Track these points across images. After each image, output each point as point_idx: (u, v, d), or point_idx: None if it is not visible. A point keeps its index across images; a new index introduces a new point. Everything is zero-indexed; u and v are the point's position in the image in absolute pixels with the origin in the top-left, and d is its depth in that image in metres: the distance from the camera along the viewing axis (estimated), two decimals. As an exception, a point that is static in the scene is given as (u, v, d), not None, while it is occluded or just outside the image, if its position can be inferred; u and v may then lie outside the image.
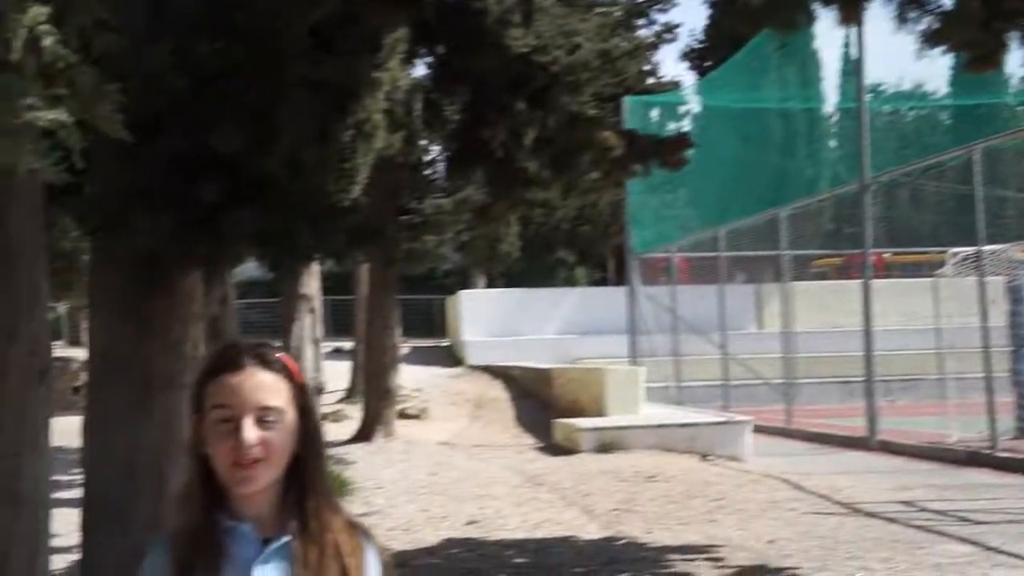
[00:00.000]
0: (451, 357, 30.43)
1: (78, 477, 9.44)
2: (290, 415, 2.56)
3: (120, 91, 2.90)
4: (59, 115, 2.67)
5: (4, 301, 6.14)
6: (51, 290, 6.80)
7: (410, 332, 27.15)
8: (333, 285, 26.49)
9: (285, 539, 2.56)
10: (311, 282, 13.52)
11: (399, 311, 20.46)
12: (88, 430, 7.57)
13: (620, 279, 34.65)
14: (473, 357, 28.78)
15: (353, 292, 25.52)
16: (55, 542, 6.79)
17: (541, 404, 22.94)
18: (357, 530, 2.64)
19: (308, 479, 2.60)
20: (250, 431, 2.50)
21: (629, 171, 8.13)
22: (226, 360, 2.55)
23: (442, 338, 34.22)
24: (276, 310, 29.22)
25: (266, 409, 2.52)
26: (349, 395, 23.64)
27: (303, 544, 2.56)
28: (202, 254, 6.54)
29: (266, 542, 2.56)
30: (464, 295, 32.94)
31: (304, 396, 2.61)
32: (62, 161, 2.96)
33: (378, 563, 2.64)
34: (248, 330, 21.41)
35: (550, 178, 7.96)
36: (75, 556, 8.78)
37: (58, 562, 7.72)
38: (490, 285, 37.78)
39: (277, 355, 2.60)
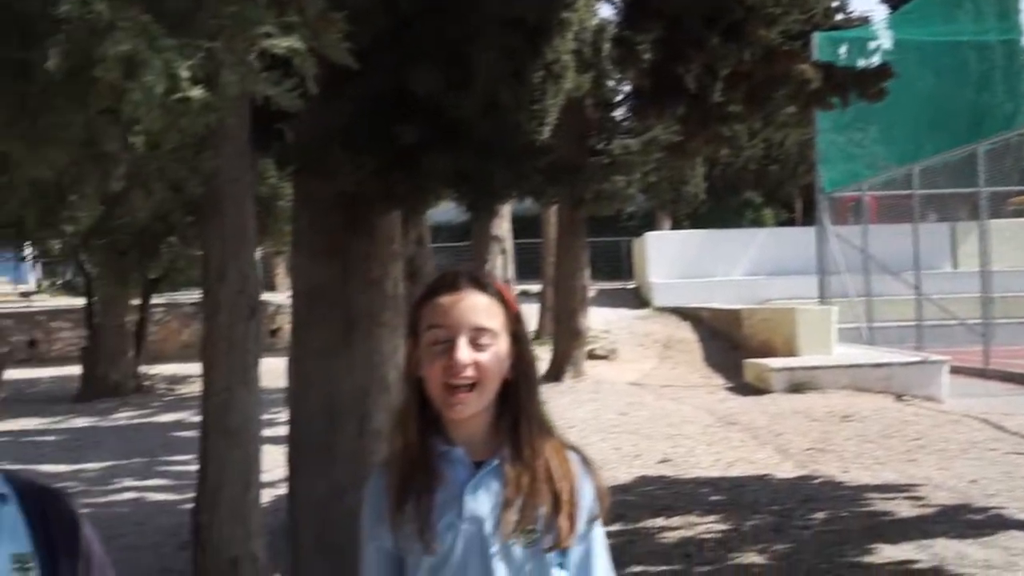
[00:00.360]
0: (637, 299, 30.37)
1: (279, 416, 9.76)
2: (503, 340, 2.59)
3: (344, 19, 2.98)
4: (292, 42, 2.75)
5: (214, 241, 6.36)
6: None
7: (596, 274, 27.14)
8: (520, 229, 26.68)
9: (496, 462, 2.61)
10: (502, 224, 13.62)
11: (586, 253, 20.49)
12: (293, 369, 7.80)
13: (807, 219, 34.00)
14: (660, 299, 28.68)
15: (541, 235, 25.64)
16: (263, 478, 7.02)
17: (730, 345, 22.78)
18: (571, 455, 2.67)
19: (521, 405, 2.63)
20: (464, 351, 2.54)
21: (826, 104, 7.96)
22: (443, 283, 2.60)
23: (628, 280, 34.16)
24: (466, 253, 29.57)
25: (480, 330, 2.56)
26: (537, 337, 23.81)
27: (514, 468, 2.59)
28: (401, 194, 6.64)
29: (478, 465, 2.61)
30: (650, 237, 32.77)
31: (517, 323, 2.64)
32: (296, 88, 3.05)
33: (592, 488, 2.66)
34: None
35: (745, 113, 7.86)
36: (281, 491, 9.10)
37: (265, 496, 7.99)
38: (675, 227, 37.51)
39: (492, 281, 2.65)
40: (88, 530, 2.52)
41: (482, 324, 2.56)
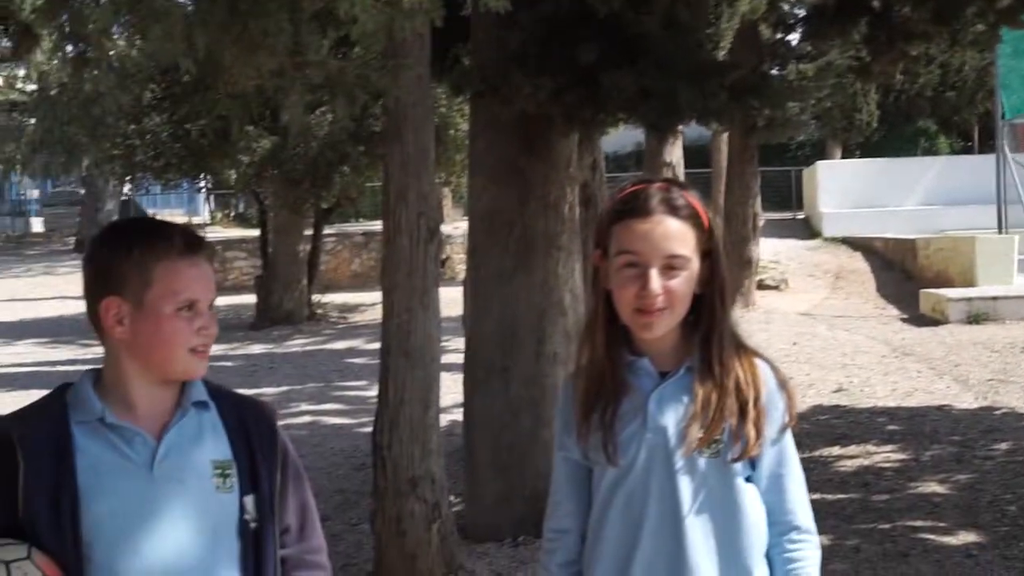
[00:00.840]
0: (807, 229, 29.83)
1: (449, 343, 9.85)
2: (695, 262, 2.55)
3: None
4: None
5: (395, 163, 6.41)
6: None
7: (764, 205, 26.68)
8: (689, 158, 26.34)
9: (682, 372, 2.57)
10: (674, 151, 13.47)
11: (757, 182, 20.16)
12: (470, 291, 7.86)
13: (984, 147, 32.86)
14: (830, 229, 28.10)
15: (710, 165, 25.32)
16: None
17: (904, 275, 22.25)
18: (760, 364, 2.62)
19: (713, 319, 2.59)
20: (656, 281, 2.50)
21: (1018, 23, 7.64)
22: (635, 205, 2.55)
23: (797, 211, 33.57)
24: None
25: (673, 258, 2.52)
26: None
27: (703, 381, 2.56)
28: (581, 115, 6.59)
29: (663, 375, 2.58)
30: (821, 166, 32.07)
31: (711, 239, 2.59)
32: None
33: (783, 398, 2.61)
34: (606, 202, 21.45)
35: (931, 32, 7.59)
36: (452, 416, 9.20)
37: (440, 419, 8.08)
38: (845, 156, 36.66)
39: (686, 199, 2.58)
40: (284, 438, 2.58)
41: (675, 252, 2.52)
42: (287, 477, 2.54)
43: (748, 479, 2.58)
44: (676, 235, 2.52)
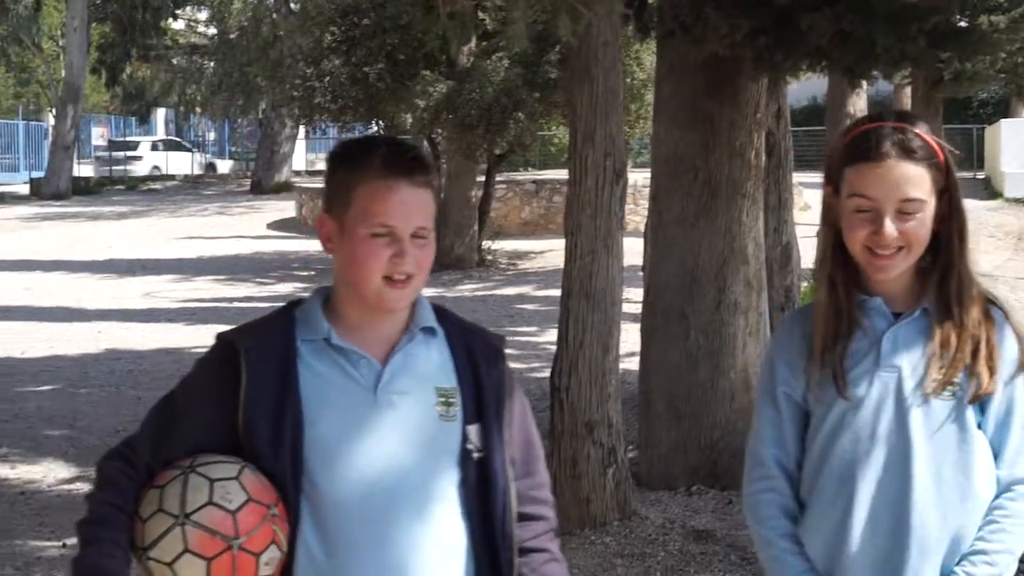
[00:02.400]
0: (987, 189, 28.95)
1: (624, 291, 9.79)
2: (931, 202, 2.46)
3: None
4: None
5: (583, 104, 6.36)
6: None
7: (945, 162, 25.82)
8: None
9: (918, 313, 2.50)
10: (858, 102, 13.17)
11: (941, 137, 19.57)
12: (651, 236, 7.79)
13: None
14: (1012, 189, 27.20)
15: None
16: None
17: (1095, 238, 21.47)
18: (991, 306, 2.53)
19: (951, 259, 2.51)
20: (890, 227, 2.43)
21: None
22: (866, 148, 2.46)
23: (978, 170, 32.59)
24: (813, 137, 28.83)
25: (908, 202, 2.44)
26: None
27: (941, 322, 2.48)
28: (773, 58, 6.45)
29: (896, 316, 2.51)
30: (1004, 124, 31.02)
31: (948, 177, 2.49)
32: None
33: (1014, 340, 2.52)
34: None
35: None
36: (627, 365, 9.15)
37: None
38: (1031, 115, 35.38)
39: (921, 138, 2.48)
40: (509, 368, 2.51)
41: (910, 196, 2.43)
42: (512, 410, 2.46)
43: (979, 425, 2.50)
44: (911, 179, 2.43)
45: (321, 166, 45.55)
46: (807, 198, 20.67)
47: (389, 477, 2.34)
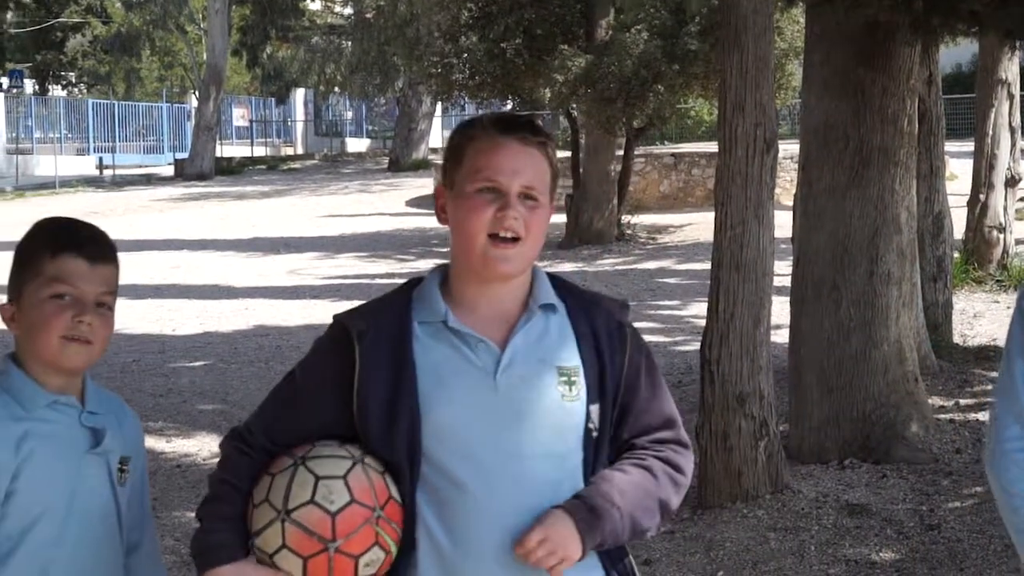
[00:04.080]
0: None
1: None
2: None
3: None
4: None
5: (733, 73, 6.28)
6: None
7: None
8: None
9: None
10: (1011, 67, 12.78)
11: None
12: (801, 207, 7.67)
13: None
14: None
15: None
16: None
17: None
18: None
19: None
20: None
21: None
22: None
23: None
24: (961, 104, 28.02)
25: None
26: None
27: None
28: (928, 24, 6.29)
29: None
30: None
31: None
32: None
33: None
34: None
35: None
36: (776, 338, 9.04)
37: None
38: None
39: None
40: (637, 347, 2.43)
41: None
42: (637, 382, 2.40)
43: None
44: None
45: (457, 143, 45.78)
46: (953, 168, 20.19)
47: (512, 463, 2.28)
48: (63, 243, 2.46)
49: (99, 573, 2.49)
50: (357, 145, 47.42)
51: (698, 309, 9.79)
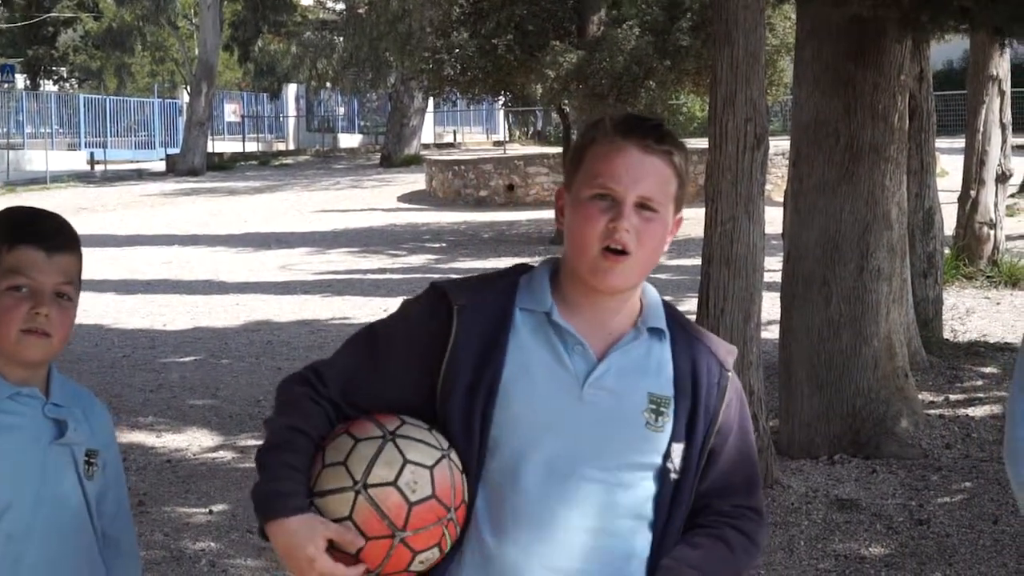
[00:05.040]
0: None
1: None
2: None
3: None
4: None
5: (724, 68, 6.28)
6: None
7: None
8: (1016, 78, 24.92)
9: None
10: (1002, 63, 12.80)
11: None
12: (792, 202, 7.68)
13: None
14: None
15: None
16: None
17: None
18: None
19: None
20: None
21: None
22: None
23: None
24: (953, 101, 28.05)
25: None
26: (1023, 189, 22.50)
27: None
28: (918, 20, 6.30)
29: None
30: None
31: None
32: None
33: None
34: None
35: None
36: (766, 333, 9.05)
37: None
38: None
39: None
40: (736, 397, 2.31)
41: None
42: (728, 431, 2.28)
43: None
44: None
45: (449, 139, 45.86)
46: (944, 164, 20.21)
47: (577, 476, 2.19)
48: (20, 234, 2.43)
49: (71, 565, 2.47)
50: (349, 141, 47.38)
51: (689, 304, 9.79)
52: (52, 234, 2.47)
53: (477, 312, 2.23)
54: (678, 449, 2.23)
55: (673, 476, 2.23)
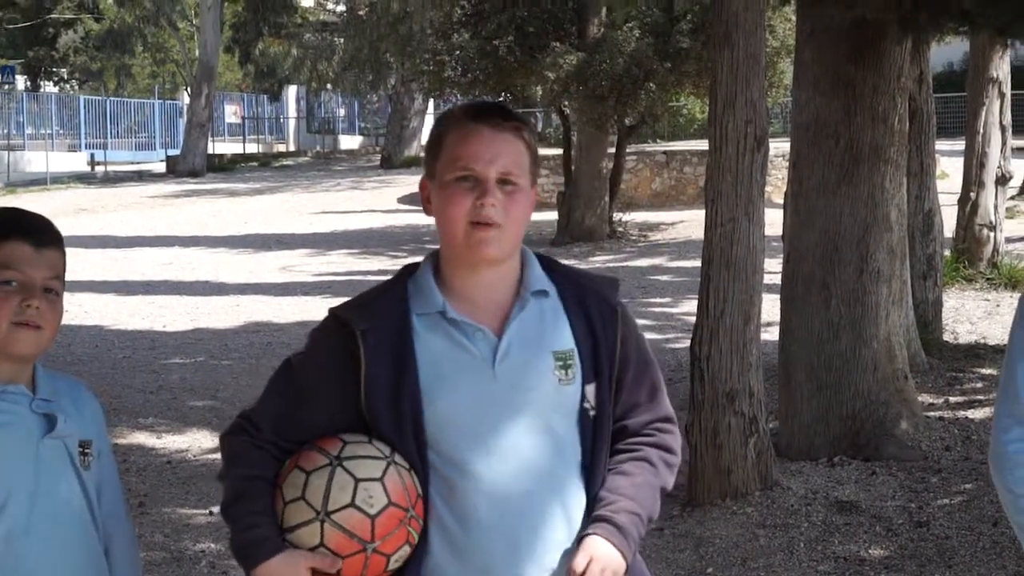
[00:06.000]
0: None
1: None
2: None
3: None
4: None
5: (724, 69, 6.28)
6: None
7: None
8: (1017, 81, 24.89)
9: None
10: (1002, 65, 12.81)
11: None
12: (791, 204, 7.69)
13: None
14: None
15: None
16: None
17: None
18: None
19: None
20: None
21: None
22: None
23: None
24: (953, 103, 28.04)
25: None
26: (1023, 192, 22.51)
27: None
28: (919, 19, 6.30)
29: None
30: None
31: None
32: None
33: None
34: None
35: None
36: (766, 335, 9.05)
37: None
38: None
39: None
40: (627, 324, 2.46)
41: None
42: (628, 358, 2.44)
43: None
44: None
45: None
46: (944, 166, 20.22)
47: (514, 449, 2.35)
48: (8, 230, 2.47)
49: (73, 561, 2.48)
50: (349, 142, 47.39)
51: (689, 306, 9.81)
52: (39, 230, 2.51)
53: (380, 331, 2.36)
54: (591, 389, 2.40)
55: (592, 414, 2.40)
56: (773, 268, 9.01)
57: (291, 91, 48.46)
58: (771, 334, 8.59)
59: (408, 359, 2.33)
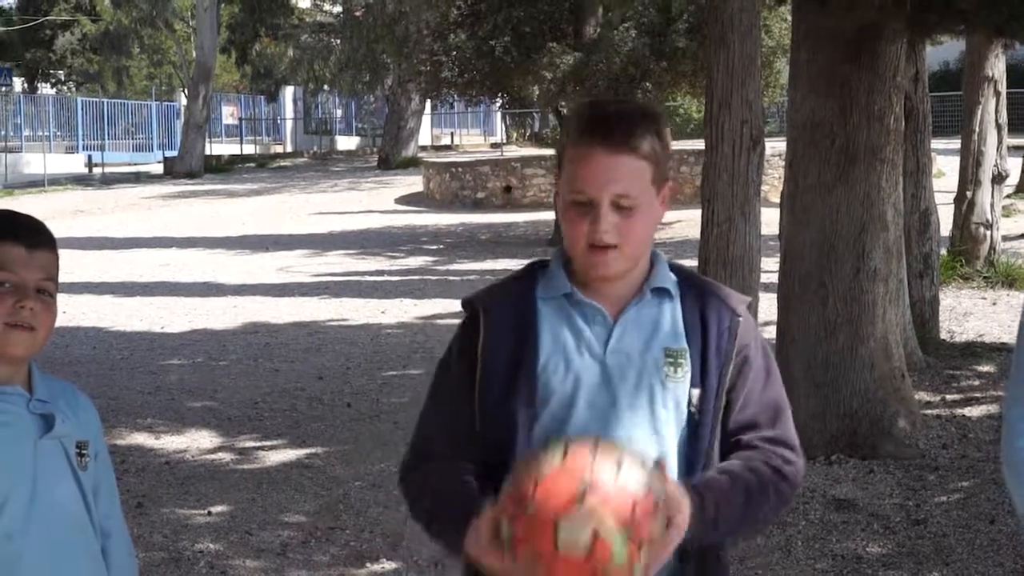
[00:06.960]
0: None
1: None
2: None
3: None
4: None
5: (719, 70, 6.31)
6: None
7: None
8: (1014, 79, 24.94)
9: None
10: (998, 64, 12.83)
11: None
12: (788, 204, 7.69)
13: None
14: None
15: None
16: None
17: None
18: None
19: None
20: None
21: None
22: None
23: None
24: (950, 102, 28.10)
25: None
26: (1019, 190, 22.55)
27: None
28: (917, 19, 6.31)
29: None
30: None
31: None
32: None
33: None
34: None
35: None
36: (763, 334, 9.06)
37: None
38: None
39: None
40: (748, 338, 2.44)
41: None
42: (745, 373, 2.42)
43: None
44: None
45: (447, 141, 45.89)
46: (940, 165, 20.25)
47: (612, 435, 2.31)
48: (0, 232, 2.47)
49: (72, 562, 2.49)
50: (347, 143, 47.40)
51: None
52: (32, 232, 2.52)
53: (500, 310, 2.42)
54: (696, 394, 2.38)
55: (696, 418, 2.38)
56: (770, 267, 9.04)
57: (288, 92, 48.46)
58: (768, 333, 8.60)
59: (529, 335, 2.38)
